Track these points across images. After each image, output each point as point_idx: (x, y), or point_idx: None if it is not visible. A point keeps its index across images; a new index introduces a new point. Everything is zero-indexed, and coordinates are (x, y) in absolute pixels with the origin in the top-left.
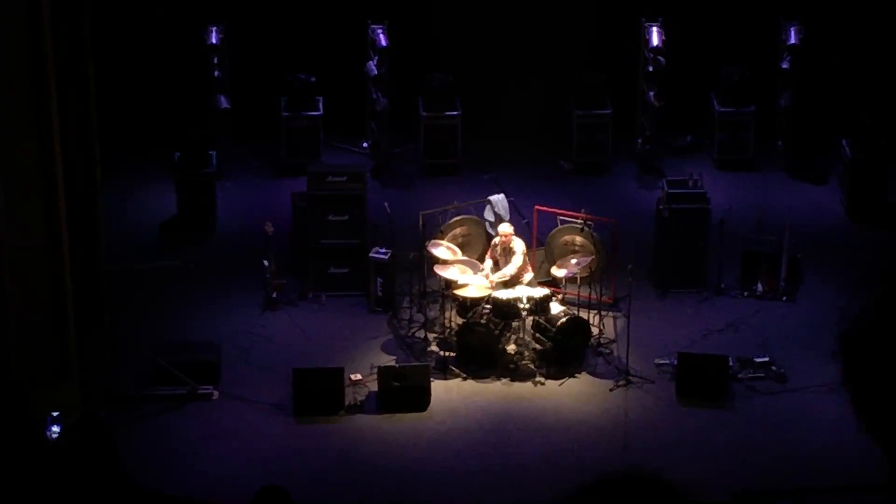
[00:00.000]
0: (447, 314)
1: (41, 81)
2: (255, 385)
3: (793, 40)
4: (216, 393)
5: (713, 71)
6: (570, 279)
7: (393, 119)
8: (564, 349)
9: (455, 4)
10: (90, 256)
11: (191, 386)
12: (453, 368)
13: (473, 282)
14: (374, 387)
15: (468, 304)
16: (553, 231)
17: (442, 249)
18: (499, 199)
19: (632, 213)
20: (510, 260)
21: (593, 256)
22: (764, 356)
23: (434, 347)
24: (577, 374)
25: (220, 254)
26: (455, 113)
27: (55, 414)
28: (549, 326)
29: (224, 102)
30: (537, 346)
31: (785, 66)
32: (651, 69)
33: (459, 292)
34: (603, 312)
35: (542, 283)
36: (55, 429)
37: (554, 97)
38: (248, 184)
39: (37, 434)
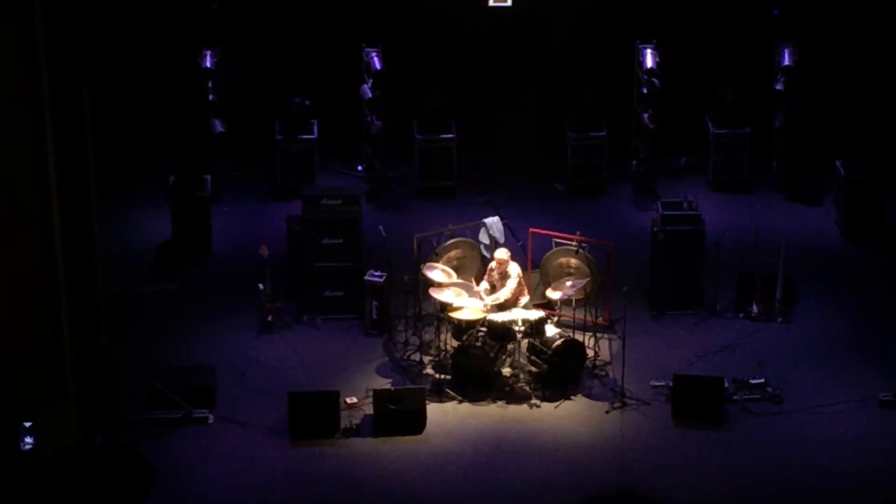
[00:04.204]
0: (442, 337)
1: (37, 105)
2: (250, 408)
3: (787, 62)
4: (212, 417)
5: (708, 92)
6: (566, 301)
7: (388, 142)
8: (560, 371)
9: (449, 28)
10: (86, 280)
11: (187, 410)
12: (449, 391)
13: (468, 304)
14: (369, 410)
15: (463, 326)
16: (548, 253)
17: (437, 272)
18: (494, 222)
19: (627, 235)
20: (506, 284)
21: (588, 279)
22: (759, 378)
23: (429, 370)
24: (572, 397)
25: (216, 277)
26: (450, 136)
27: (27, 424)
28: (544, 349)
29: (219, 126)
30: (533, 369)
31: (779, 87)
32: (646, 91)
33: (455, 315)
34: (598, 334)
35: (537, 306)
36: (28, 440)
37: (549, 120)
38: (244, 207)
39: (32, 457)
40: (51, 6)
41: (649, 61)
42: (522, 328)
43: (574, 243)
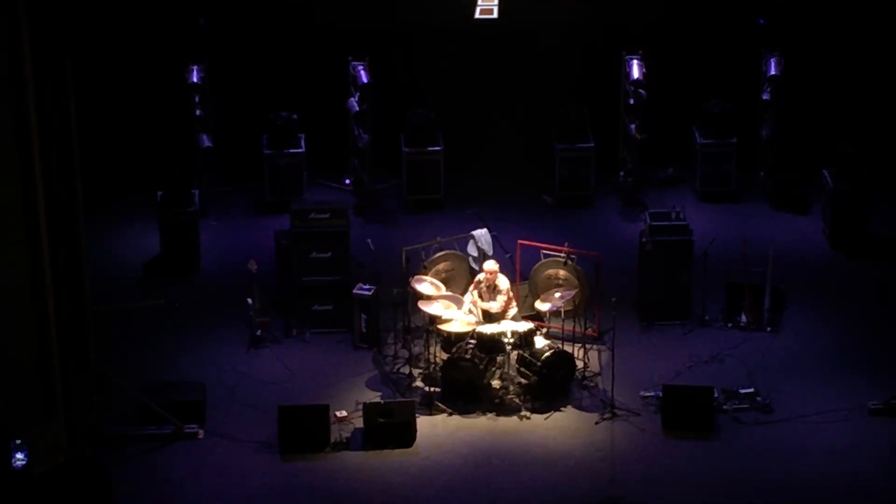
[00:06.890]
0: (432, 349)
1: (23, 121)
2: (240, 423)
3: (773, 71)
4: (202, 432)
5: (695, 103)
6: (555, 313)
7: (375, 155)
8: (549, 383)
9: (436, 41)
10: (75, 297)
11: (176, 425)
12: (439, 404)
13: (458, 316)
14: (359, 423)
15: (453, 339)
16: (537, 265)
17: (426, 285)
18: (482, 234)
19: (615, 246)
20: (495, 297)
21: (577, 290)
22: (749, 387)
23: (419, 383)
24: (562, 408)
25: (204, 292)
26: (437, 149)
27: (18, 441)
28: (533, 360)
29: (206, 141)
30: (522, 381)
31: (766, 97)
32: (632, 102)
33: (444, 327)
34: (587, 346)
35: (526, 318)
36: (19, 456)
37: (536, 131)
38: (232, 222)
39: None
40: (37, 20)
41: (636, 72)
42: (512, 340)
43: (562, 255)
